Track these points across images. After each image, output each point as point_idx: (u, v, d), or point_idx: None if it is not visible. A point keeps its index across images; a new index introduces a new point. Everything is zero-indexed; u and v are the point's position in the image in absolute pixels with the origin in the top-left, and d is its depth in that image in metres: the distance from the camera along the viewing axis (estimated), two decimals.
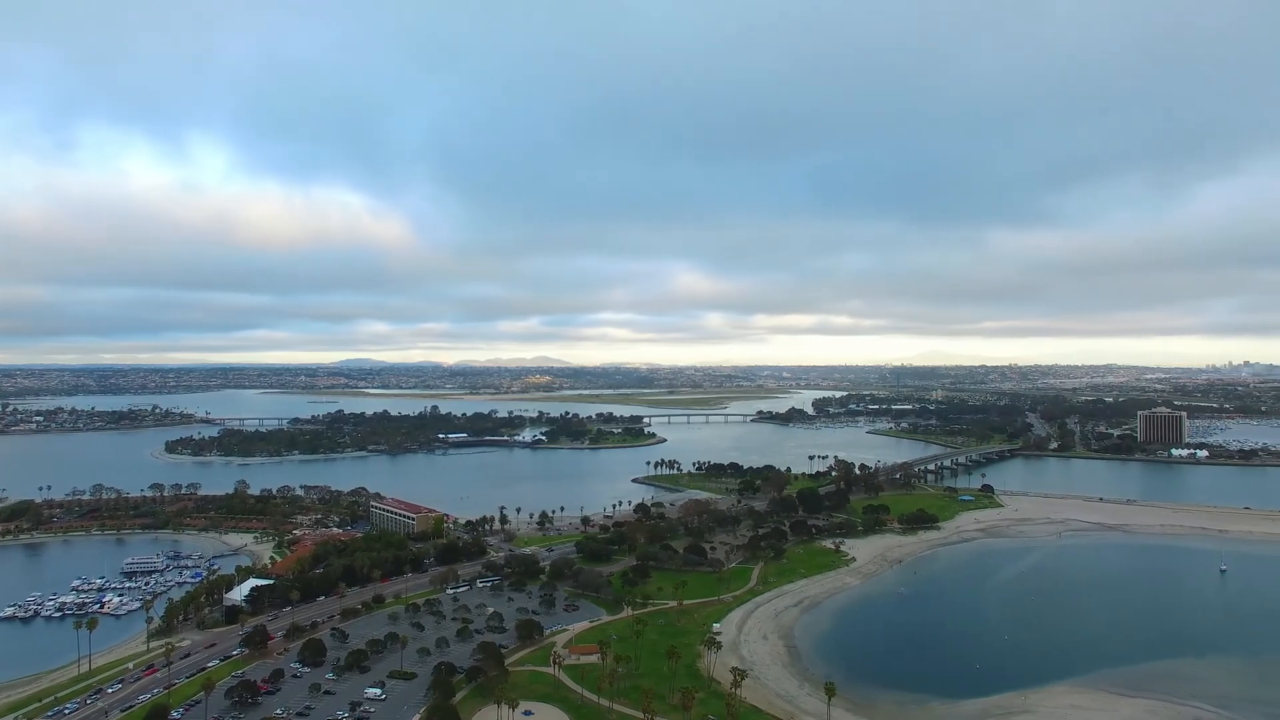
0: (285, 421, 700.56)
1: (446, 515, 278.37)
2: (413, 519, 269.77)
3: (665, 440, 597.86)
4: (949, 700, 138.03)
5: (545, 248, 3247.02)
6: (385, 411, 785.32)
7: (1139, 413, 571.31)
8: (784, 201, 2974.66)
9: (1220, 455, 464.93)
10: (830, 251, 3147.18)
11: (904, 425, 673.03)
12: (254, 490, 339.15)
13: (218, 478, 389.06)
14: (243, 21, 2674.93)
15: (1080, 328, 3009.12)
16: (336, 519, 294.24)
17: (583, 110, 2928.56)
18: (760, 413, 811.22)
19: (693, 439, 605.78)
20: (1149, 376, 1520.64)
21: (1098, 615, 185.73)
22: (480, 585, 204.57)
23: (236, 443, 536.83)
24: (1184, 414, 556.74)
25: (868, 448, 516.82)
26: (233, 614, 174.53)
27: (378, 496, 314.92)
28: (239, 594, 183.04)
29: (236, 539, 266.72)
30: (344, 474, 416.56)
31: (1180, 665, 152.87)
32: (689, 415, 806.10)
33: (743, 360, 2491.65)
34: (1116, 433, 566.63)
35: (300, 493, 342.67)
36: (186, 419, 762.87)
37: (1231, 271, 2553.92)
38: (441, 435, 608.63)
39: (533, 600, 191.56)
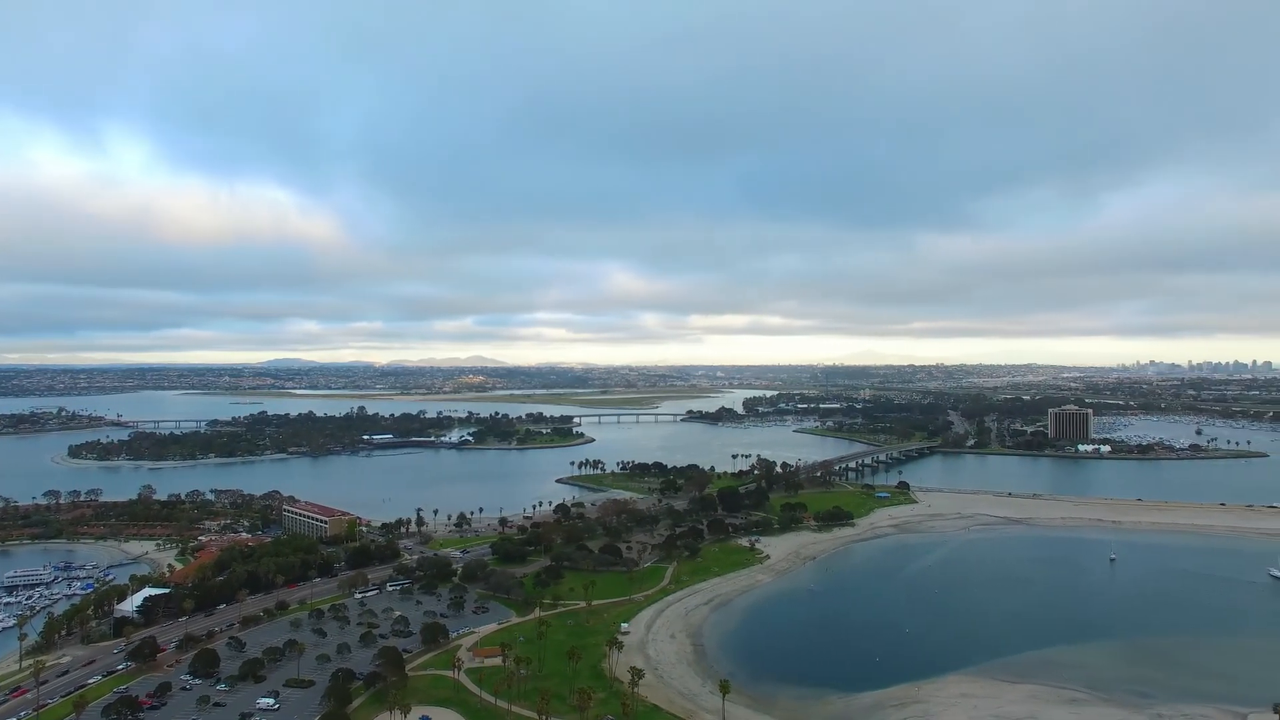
0: (203, 424, 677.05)
1: (360, 518, 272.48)
2: (325, 522, 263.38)
3: (594, 440, 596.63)
4: (846, 694, 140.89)
5: (480, 247, 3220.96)
6: (310, 412, 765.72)
7: (1050, 410, 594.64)
8: (717, 203, 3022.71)
9: (1121, 450, 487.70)
10: (763, 253, 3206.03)
11: (830, 424, 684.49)
12: (161, 495, 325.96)
13: (124, 483, 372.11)
14: (161, 9, 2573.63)
15: (1003, 328, 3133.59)
16: (247, 523, 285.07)
17: (516, 110, 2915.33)
18: (690, 412, 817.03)
19: (622, 439, 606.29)
20: (1065, 375, 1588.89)
21: (996, 606, 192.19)
22: (390, 589, 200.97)
23: (148, 446, 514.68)
24: (1090, 411, 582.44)
25: (793, 446, 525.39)
26: (122, 627, 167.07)
27: (291, 500, 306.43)
28: (131, 605, 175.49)
29: (137, 547, 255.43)
30: (262, 477, 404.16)
31: (1065, 651, 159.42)
32: (619, 415, 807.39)
33: (678, 360, 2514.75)
34: (1030, 429, 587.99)
35: (210, 497, 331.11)
36: (95, 422, 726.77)
37: (1138, 276, 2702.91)
38: (366, 436, 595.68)
39: (442, 603, 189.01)
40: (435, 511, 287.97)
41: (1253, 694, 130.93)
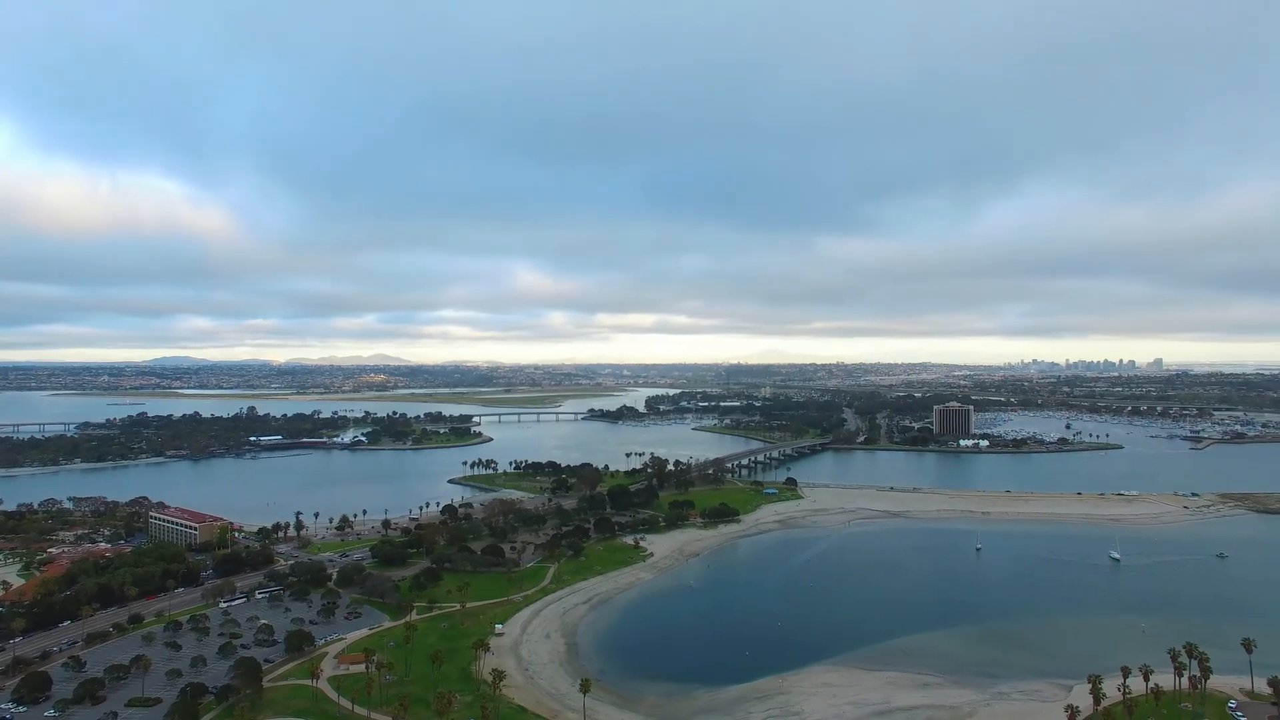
0: (72, 426, 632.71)
1: (233, 523, 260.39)
2: (195, 529, 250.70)
3: (492, 440, 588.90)
4: (713, 688, 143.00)
5: (382, 243, 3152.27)
6: (196, 413, 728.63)
7: (935, 407, 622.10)
8: (621, 203, 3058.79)
9: (998, 444, 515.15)
10: (667, 253, 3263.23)
11: (728, 422, 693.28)
12: (11, 505, 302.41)
13: None
14: None
15: (900, 328, 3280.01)
16: (108, 533, 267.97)
17: (417, 105, 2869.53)
18: (592, 411, 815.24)
19: (522, 438, 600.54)
20: (957, 374, 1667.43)
21: (866, 597, 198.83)
22: (259, 596, 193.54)
23: (1, 452, 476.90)
24: (971, 408, 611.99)
25: (691, 444, 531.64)
26: None
27: (160, 506, 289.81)
28: None
29: None
30: (133, 483, 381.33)
31: (925, 638, 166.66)
32: (520, 414, 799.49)
33: (585, 359, 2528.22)
34: (917, 426, 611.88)
35: (69, 505, 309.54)
36: None
37: (1020, 280, 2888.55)
38: (253, 438, 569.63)
39: (313, 609, 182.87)
40: (316, 515, 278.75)
41: (1079, 667, 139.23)
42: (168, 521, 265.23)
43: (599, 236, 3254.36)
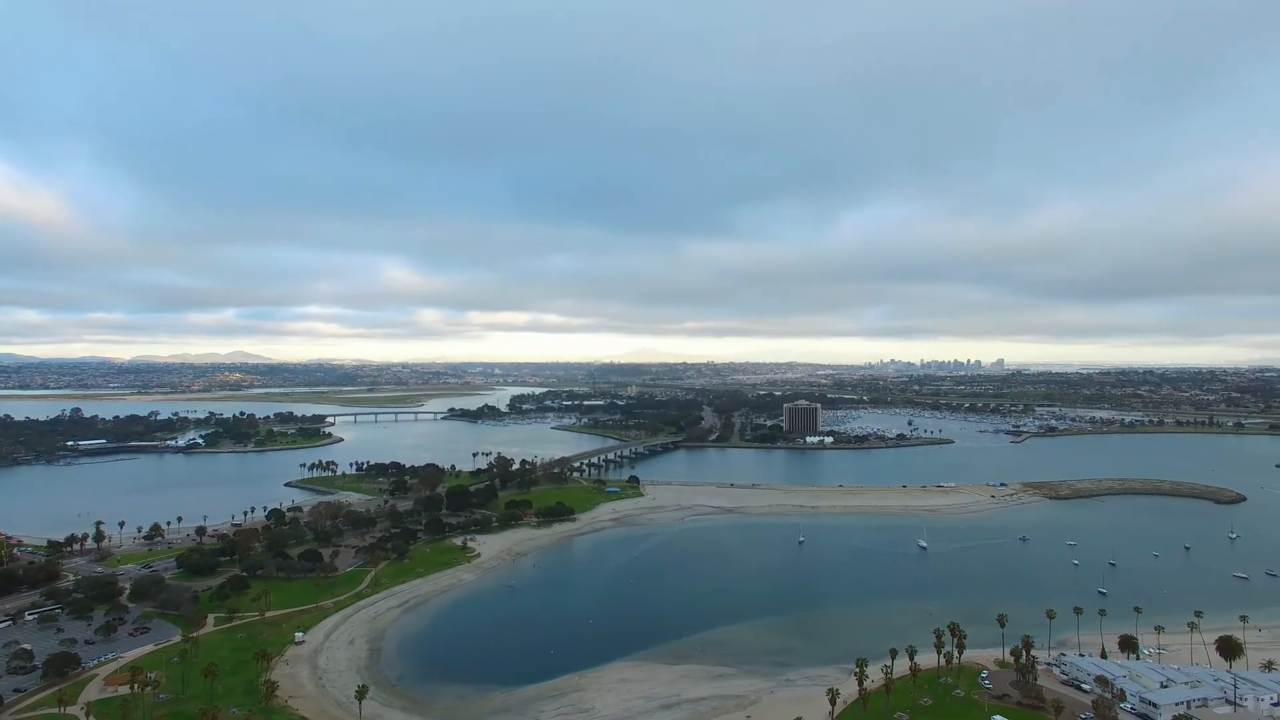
0: None
1: (10, 538, 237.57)
2: None
3: (343, 440, 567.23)
4: (511, 688, 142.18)
5: (237, 236, 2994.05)
6: (7, 416, 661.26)
7: (785, 405, 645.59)
8: (487, 203, 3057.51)
9: (841, 441, 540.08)
10: (536, 252, 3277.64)
11: (587, 420, 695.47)
12: None
13: None
14: None
15: (768, 329, 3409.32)
16: None
17: (269, 94, 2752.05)
18: (452, 410, 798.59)
19: (376, 438, 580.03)
20: (820, 373, 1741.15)
21: (685, 591, 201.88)
22: (29, 618, 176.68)
23: None
24: (819, 406, 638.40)
25: (548, 443, 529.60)
26: None
27: None
28: None
29: None
30: None
31: (731, 630, 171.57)
32: (378, 414, 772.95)
33: (458, 357, 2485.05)
34: (770, 423, 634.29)
35: None
36: None
37: (874, 284, 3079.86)
38: (71, 443, 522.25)
39: (91, 628, 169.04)
40: (121, 524, 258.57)
41: (865, 652, 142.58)
42: None
43: (466, 234, 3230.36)
